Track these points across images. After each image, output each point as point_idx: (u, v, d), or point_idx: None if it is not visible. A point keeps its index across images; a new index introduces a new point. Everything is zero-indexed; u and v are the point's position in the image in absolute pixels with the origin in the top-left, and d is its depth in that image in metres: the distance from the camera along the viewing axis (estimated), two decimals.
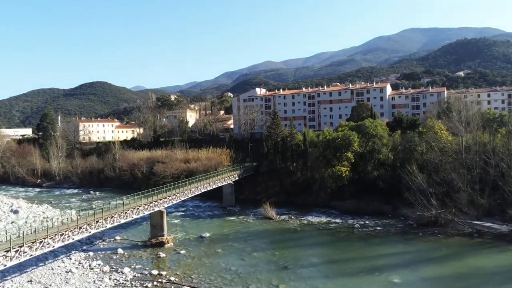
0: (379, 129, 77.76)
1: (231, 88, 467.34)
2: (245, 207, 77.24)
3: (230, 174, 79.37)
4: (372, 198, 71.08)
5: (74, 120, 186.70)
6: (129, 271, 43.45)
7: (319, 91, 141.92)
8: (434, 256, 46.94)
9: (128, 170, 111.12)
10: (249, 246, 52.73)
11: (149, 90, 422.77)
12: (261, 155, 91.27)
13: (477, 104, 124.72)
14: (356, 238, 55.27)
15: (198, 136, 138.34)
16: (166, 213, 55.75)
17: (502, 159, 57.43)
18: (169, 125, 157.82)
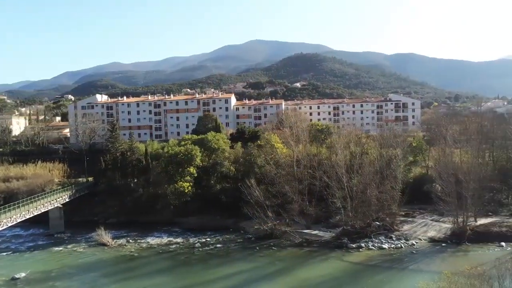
0: (221, 142, 78.70)
1: (74, 90, 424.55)
2: (77, 232, 68.73)
3: (57, 196, 69.62)
4: (215, 212, 71.13)
5: None
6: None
7: (165, 99, 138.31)
8: (268, 272, 48.66)
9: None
10: (76, 284, 46.29)
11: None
12: (99, 172, 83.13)
13: (309, 115, 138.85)
14: (196, 260, 53.87)
15: (25, 147, 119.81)
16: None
17: (325, 172, 63.38)
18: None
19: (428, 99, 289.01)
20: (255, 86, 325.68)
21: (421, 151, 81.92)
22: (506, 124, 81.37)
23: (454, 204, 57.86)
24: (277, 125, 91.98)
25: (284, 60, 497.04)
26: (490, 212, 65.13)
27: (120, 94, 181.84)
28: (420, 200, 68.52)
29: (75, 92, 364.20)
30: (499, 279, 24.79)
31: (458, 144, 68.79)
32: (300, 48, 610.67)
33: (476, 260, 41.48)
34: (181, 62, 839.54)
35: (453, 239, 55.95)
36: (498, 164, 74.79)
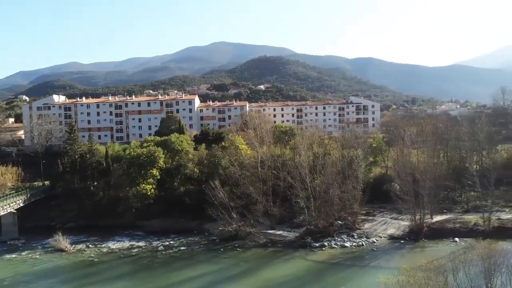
0: (185, 144, 77.79)
1: (28, 90, 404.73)
2: (33, 238, 65.49)
3: (10, 201, 66.13)
4: (179, 215, 70.14)
5: None
6: None
7: (127, 101, 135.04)
8: (233, 273, 48.55)
9: None
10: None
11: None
12: (56, 175, 79.82)
13: (273, 117, 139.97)
14: (159, 263, 52.84)
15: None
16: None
17: (289, 172, 64.09)
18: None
19: (387, 102, 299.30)
20: (219, 88, 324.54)
21: (381, 152, 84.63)
22: (459, 126, 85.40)
23: (411, 202, 60.13)
24: (241, 127, 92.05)
25: (248, 63, 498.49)
26: (445, 210, 68.15)
27: (79, 95, 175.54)
28: (380, 199, 70.64)
29: (30, 93, 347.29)
30: (453, 271, 26.00)
31: (415, 145, 71.62)
32: (264, 50, 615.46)
33: (432, 255, 43.16)
34: (143, 62, 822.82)
35: (411, 236, 58.11)
36: (452, 163, 78.39)
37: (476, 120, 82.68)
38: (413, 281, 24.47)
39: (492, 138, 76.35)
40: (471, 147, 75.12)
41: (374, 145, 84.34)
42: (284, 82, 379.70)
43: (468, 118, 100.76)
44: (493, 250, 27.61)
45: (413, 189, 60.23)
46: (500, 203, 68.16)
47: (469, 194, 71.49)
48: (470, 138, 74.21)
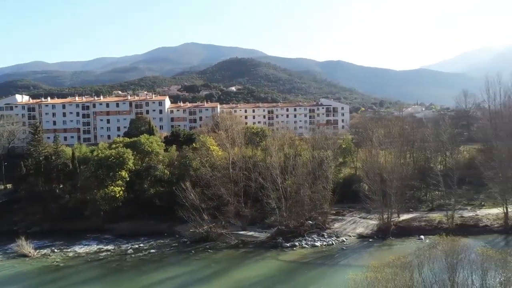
0: (155, 145, 76.67)
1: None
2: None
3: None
4: (149, 217, 68.97)
5: None
6: None
7: (94, 101, 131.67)
8: (204, 274, 48.21)
9: None
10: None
11: None
12: (19, 177, 76.80)
13: (245, 118, 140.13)
14: (128, 266, 51.78)
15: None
16: None
17: (260, 173, 64.33)
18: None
19: (356, 104, 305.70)
20: (190, 89, 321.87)
21: (350, 153, 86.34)
22: (424, 128, 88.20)
23: (379, 201, 61.63)
24: (212, 128, 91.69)
25: (219, 64, 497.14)
26: (411, 208, 70.19)
27: (44, 95, 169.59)
28: (350, 199, 72.03)
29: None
30: (418, 267, 26.87)
31: (382, 146, 73.44)
32: (235, 52, 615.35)
33: (399, 252, 44.28)
34: (111, 63, 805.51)
35: (379, 235, 59.55)
36: (418, 164, 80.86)
37: (440, 122, 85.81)
38: (381, 277, 25.14)
39: (455, 139, 79.40)
40: (436, 148, 77.89)
41: (344, 146, 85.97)
42: (256, 84, 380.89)
43: (433, 120, 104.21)
44: (456, 246, 28.59)
45: (381, 189, 61.78)
46: (462, 201, 70.86)
47: (434, 193, 73.98)
48: (434, 139, 76.89)
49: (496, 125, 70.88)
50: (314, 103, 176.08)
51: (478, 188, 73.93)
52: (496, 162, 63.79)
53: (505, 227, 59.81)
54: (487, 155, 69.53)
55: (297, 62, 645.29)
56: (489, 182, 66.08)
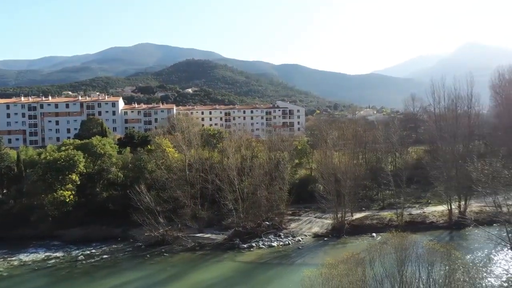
0: (108, 147, 74.20)
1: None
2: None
3: None
4: (102, 222, 66.39)
5: None
6: None
7: (42, 102, 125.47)
8: (160, 278, 47.20)
9: None
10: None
11: None
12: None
13: (201, 120, 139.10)
14: (79, 273, 49.63)
15: None
16: None
17: (217, 175, 64.02)
18: None
19: (311, 107, 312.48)
20: (145, 90, 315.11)
21: (306, 154, 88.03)
22: (375, 130, 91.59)
23: (334, 201, 63.24)
24: (168, 130, 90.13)
25: (175, 65, 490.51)
26: (363, 207, 72.63)
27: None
28: (305, 199, 73.35)
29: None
30: (370, 262, 27.89)
31: (337, 147, 75.47)
32: (192, 54, 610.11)
33: (353, 249, 45.59)
34: (61, 62, 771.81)
35: (333, 233, 61.09)
36: (370, 164, 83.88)
37: (390, 124, 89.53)
38: (336, 273, 25.86)
39: (404, 141, 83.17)
40: (386, 149, 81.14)
41: (299, 148, 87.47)
42: (213, 86, 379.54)
43: (383, 123, 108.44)
44: (404, 242, 29.88)
45: (335, 189, 63.41)
46: (411, 199, 74.31)
47: (385, 192, 77.01)
48: (385, 141, 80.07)
49: (441, 127, 74.86)
50: (270, 105, 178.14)
51: (425, 187, 77.82)
52: (441, 162, 67.44)
53: (449, 223, 63.35)
54: (433, 155, 73.40)
55: (254, 64, 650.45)
56: (435, 181, 69.67)
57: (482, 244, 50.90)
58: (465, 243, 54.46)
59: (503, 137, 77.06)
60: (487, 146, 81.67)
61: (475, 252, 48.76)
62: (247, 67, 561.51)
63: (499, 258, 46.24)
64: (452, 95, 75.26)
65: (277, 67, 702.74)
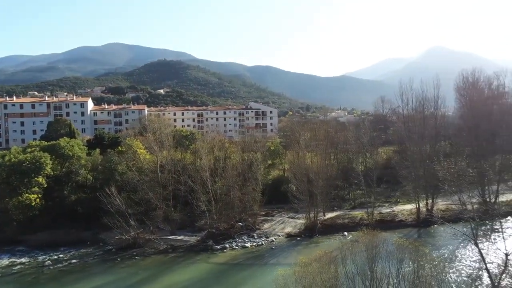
0: (76, 149, 72.20)
1: None
2: None
3: None
4: (70, 225, 64.41)
5: None
6: None
7: (6, 102, 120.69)
8: (132, 282, 46.31)
9: None
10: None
11: None
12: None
13: (174, 121, 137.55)
14: (46, 279, 47.99)
15: None
16: None
17: (190, 176, 63.47)
18: None
19: (284, 108, 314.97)
20: (115, 91, 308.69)
21: (279, 155, 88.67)
22: (347, 131, 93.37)
23: (306, 201, 63.95)
24: (140, 131, 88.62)
25: (147, 66, 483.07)
26: (335, 207, 73.81)
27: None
28: (279, 199, 73.79)
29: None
30: (342, 260, 28.39)
31: (309, 148, 76.33)
32: (164, 54, 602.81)
33: (325, 248, 46.27)
34: (26, 61, 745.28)
35: (306, 233, 61.73)
36: (341, 164, 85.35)
37: (361, 125, 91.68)
38: (308, 271, 26.15)
39: (374, 142, 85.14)
40: (357, 149, 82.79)
41: (272, 149, 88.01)
42: (185, 87, 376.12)
43: (354, 124, 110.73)
44: (375, 239, 30.57)
45: (307, 189, 64.14)
46: (381, 199, 76.04)
47: (356, 192, 78.53)
48: (356, 142, 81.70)
49: (409, 128, 77.00)
50: (243, 106, 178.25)
51: (394, 186, 79.90)
52: (409, 162, 69.45)
53: (417, 221, 65.25)
54: (402, 155, 75.48)
55: (226, 66, 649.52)
56: (404, 180, 71.64)
57: (448, 240, 52.78)
58: (432, 240, 56.27)
59: (467, 138, 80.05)
60: (452, 146, 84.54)
61: (442, 248, 50.43)
62: (219, 68, 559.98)
63: (464, 253, 48.05)
64: (420, 97, 77.65)
65: (250, 68, 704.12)
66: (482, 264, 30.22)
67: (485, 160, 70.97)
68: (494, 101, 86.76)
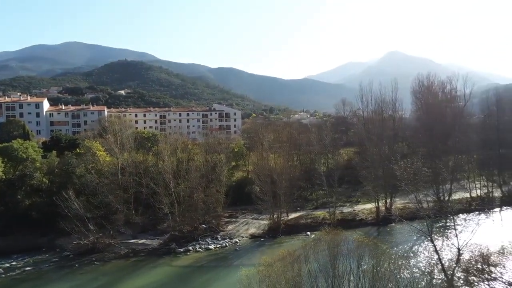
0: (31, 151, 68.99)
1: None
2: None
3: None
4: (24, 231, 61.34)
5: None
6: None
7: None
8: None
9: None
10: None
11: None
12: None
13: (135, 123, 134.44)
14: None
15: None
16: None
17: (152, 178, 62.29)
18: None
19: (247, 110, 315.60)
20: (73, 91, 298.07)
21: (242, 156, 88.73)
22: (309, 133, 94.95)
23: (270, 202, 64.44)
24: (99, 132, 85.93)
25: (107, 66, 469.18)
26: (298, 207, 74.79)
27: None
28: (243, 201, 73.82)
29: None
30: (305, 259, 28.81)
31: (272, 150, 77.07)
32: (125, 54, 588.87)
33: (289, 248, 46.86)
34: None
35: (270, 234, 62.15)
36: (304, 165, 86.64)
37: (323, 127, 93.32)
38: (272, 271, 26.33)
39: (335, 143, 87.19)
40: (319, 150, 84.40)
41: (236, 150, 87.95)
42: (147, 88, 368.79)
43: (317, 126, 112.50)
44: (336, 238, 31.24)
45: (271, 190, 64.62)
46: (342, 198, 77.86)
47: (318, 192, 79.96)
48: (318, 143, 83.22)
49: (368, 130, 79.39)
50: (207, 108, 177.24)
51: (355, 186, 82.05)
52: (369, 162, 71.56)
53: (377, 219, 67.35)
54: (362, 156, 77.60)
55: (190, 67, 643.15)
56: (364, 180, 73.70)
57: (405, 237, 54.91)
58: (391, 237, 58.30)
59: (423, 139, 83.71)
60: (409, 147, 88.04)
61: (400, 245, 52.31)
62: (182, 69, 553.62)
63: (420, 249, 50.14)
64: (379, 99, 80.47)
65: (213, 70, 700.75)
66: (437, 258, 31.60)
67: (439, 160, 74.27)
68: (447, 104, 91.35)
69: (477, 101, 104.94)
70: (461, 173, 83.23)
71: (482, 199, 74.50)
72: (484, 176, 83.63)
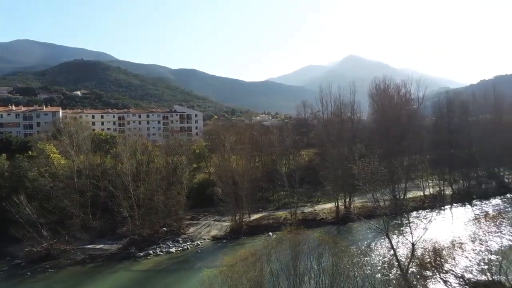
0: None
1: None
2: None
3: None
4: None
5: None
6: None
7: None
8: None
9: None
10: None
11: None
12: None
13: (92, 124, 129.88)
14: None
15: None
16: None
17: (110, 181, 60.46)
18: None
19: (209, 112, 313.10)
20: (25, 91, 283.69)
21: (204, 158, 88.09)
22: (271, 134, 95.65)
23: (232, 203, 64.37)
24: (53, 134, 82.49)
25: (61, 66, 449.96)
26: (260, 208, 75.15)
27: None
28: (204, 203, 73.34)
29: None
30: (267, 258, 29.01)
31: (234, 151, 77.01)
32: (80, 54, 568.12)
33: (251, 248, 46.94)
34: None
35: (232, 235, 62.03)
36: (266, 167, 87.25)
37: (284, 129, 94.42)
38: (234, 271, 26.30)
39: (296, 144, 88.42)
40: (281, 152, 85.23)
41: (198, 152, 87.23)
42: (105, 89, 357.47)
43: (278, 127, 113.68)
44: (298, 237, 31.68)
45: (233, 192, 64.58)
46: (303, 199, 79.06)
47: (280, 193, 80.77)
48: (279, 145, 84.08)
49: (328, 131, 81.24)
50: (168, 110, 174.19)
51: (316, 187, 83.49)
52: (328, 163, 73.13)
53: (337, 218, 68.91)
54: (322, 157, 79.21)
55: (150, 68, 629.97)
56: (324, 180, 75.21)
57: (364, 234, 56.58)
58: (350, 235, 59.82)
59: (380, 140, 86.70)
60: (367, 148, 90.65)
61: (358, 242, 53.71)
62: (142, 70, 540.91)
63: (378, 245, 51.74)
64: (338, 102, 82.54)
65: (174, 71, 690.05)
66: (393, 253, 32.78)
67: (395, 160, 77.14)
68: (402, 106, 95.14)
69: (430, 104, 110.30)
70: (415, 172, 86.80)
71: (435, 197, 78.03)
72: (436, 175, 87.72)
